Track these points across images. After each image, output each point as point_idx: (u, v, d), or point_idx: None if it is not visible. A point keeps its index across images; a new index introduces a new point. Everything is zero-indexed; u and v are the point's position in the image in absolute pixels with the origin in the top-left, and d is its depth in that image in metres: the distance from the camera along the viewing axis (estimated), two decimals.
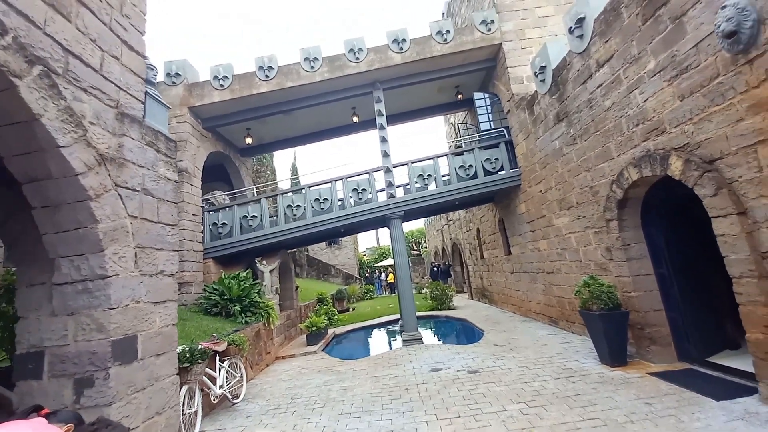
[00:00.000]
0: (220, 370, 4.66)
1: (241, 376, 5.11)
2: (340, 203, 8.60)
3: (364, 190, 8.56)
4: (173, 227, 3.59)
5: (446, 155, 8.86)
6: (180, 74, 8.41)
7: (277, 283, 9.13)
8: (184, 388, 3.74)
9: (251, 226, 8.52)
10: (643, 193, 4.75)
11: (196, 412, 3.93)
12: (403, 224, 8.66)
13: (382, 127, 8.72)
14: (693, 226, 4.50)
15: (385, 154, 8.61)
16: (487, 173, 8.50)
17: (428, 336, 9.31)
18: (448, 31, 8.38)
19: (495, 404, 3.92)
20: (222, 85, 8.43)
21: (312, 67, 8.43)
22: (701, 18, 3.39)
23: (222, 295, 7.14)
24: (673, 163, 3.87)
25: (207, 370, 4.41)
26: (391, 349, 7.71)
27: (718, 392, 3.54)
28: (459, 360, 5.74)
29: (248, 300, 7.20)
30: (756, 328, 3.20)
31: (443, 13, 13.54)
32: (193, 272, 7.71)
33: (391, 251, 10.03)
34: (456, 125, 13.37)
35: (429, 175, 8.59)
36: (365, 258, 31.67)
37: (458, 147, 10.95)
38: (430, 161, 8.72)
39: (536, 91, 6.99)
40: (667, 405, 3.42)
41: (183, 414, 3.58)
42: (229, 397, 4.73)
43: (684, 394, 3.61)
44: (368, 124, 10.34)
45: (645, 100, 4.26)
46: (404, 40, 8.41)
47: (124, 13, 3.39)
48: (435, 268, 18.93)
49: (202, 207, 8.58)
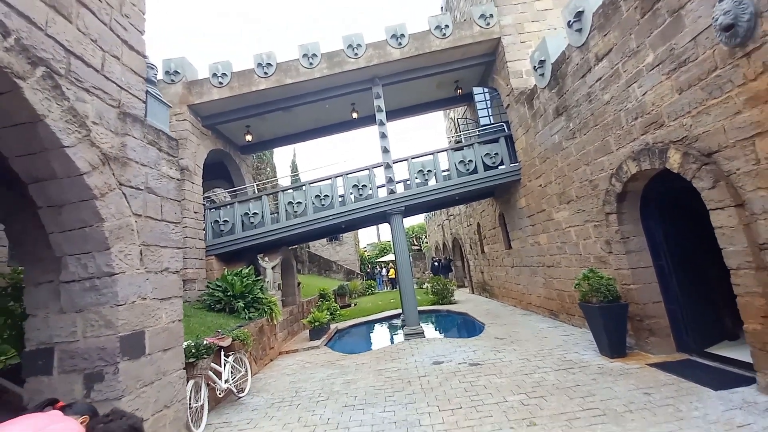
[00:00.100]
0: (225, 365, 4.72)
1: (246, 371, 5.18)
2: (340, 199, 8.62)
3: (364, 186, 8.58)
4: (177, 225, 3.64)
5: (446, 150, 8.87)
6: (179, 72, 8.40)
7: (279, 279, 9.20)
8: (191, 382, 3.81)
9: (252, 223, 8.57)
10: (642, 186, 4.77)
11: (202, 406, 4.00)
12: (404, 220, 8.69)
13: (381, 123, 8.72)
14: (691, 219, 4.54)
15: (385, 150, 8.62)
16: (487, 168, 8.51)
17: (430, 330, 9.39)
18: (447, 26, 8.34)
19: (496, 395, 3.98)
20: (221, 83, 8.42)
21: (311, 64, 8.41)
22: (699, 11, 3.40)
23: (225, 292, 7.21)
24: (671, 156, 3.89)
25: (212, 365, 4.48)
26: (393, 343, 7.79)
27: (716, 382, 3.59)
28: (460, 353, 5.81)
29: (251, 296, 7.27)
30: (753, 318, 3.25)
31: (442, 8, 13.47)
32: (196, 269, 7.77)
33: (392, 247, 10.08)
34: (456, 120, 13.35)
35: (429, 171, 8.60)
36: (366, 254, 31.76)
37: (458, 142, 10.95)
38: (430, 156, 8.72)
39: (535, 85, 6.99)
40: (666, 395, 3.47)
41: (190, 408, 3.65)
42: (235, 391, 4.80)
43: (682, 384, 3.66)
44: (368, 120, 10.34)
45: (644, 94, 4.27)
46: (403, 36, 8.37)
47: (124, 12, 3.41)
48: (436, 263, 19.01)
49: (204, 205, 8.62)
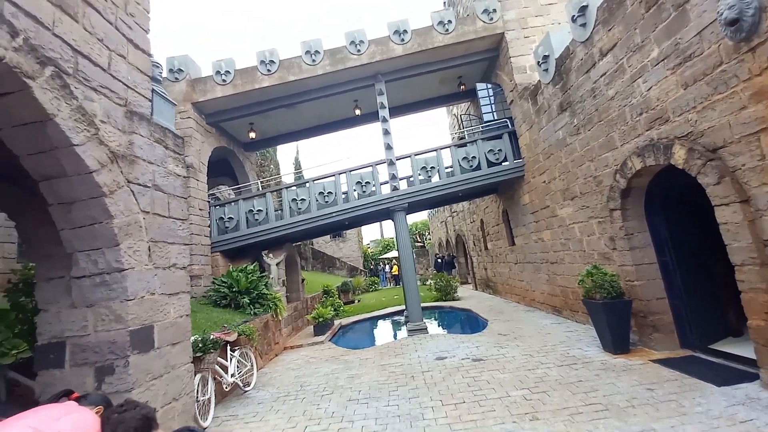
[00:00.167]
0: (231, 360, 4.80)
1: (252, 365, 5.25)
2: (344, 196, 8.66)
3: (367, 182, 8.60)
4: (183, 222, 3.69)
5: (449, 147, 8.85)
6: (182, 70, 8.44)
7: (283, 275, 9.28)
8: (198, 376, 3.88)
9: (257, 220, 8.63)
10: (646, 182, 4.75)
11: (209, 399, 4.07)
12: (407, 216, 8.72)
13: (384, 120, 8.72)
14: (696, 215, 4.52)
15: (388, 147, 8.62)
16: (490, 164, 8.49)
17: (433, 326, 9.43)
18: (450, 21, 8.30)
19: (499, 390, 4.02)
20: (224, 80, 8.45)
21: (313, 61, 8.41)
22: (704, 5, 3.37)
23: (231, 288, 7.29)
24: (676, 152, 3.87)
25: (219, 359, 4.56)
26: (396, 339, 7.85)
27: (719, 378, 3.59)
28: (463, 349, 5.84)
29: (256, 292, 7.34)
30: (757, 315, 3.24)
31: (444, 3, 13.37)
32: (202, 265, 7.86)
33: (396, 243, 10.12)
34: (459, 116, 13.30)
35: (432, 167, 8.60)
36: (369, 250, 31.83)
37: (461, 138, 10.93)
38: (433, 153, 8.71)
39: (539, 80, 6.95)
40: (669, 390, 3.48)
41: (197, 401, 3.72)
42: (241, 385, 4.87)
43: (685, 380, 3.67)
44: (371, 116, 10.33)
45: (648, 89, 4.24)
46: (405, 31, 8.35)
47: (129, 11, 3.44)
48: (439, 260, 19.02)
49: (209, 202, 8.69)
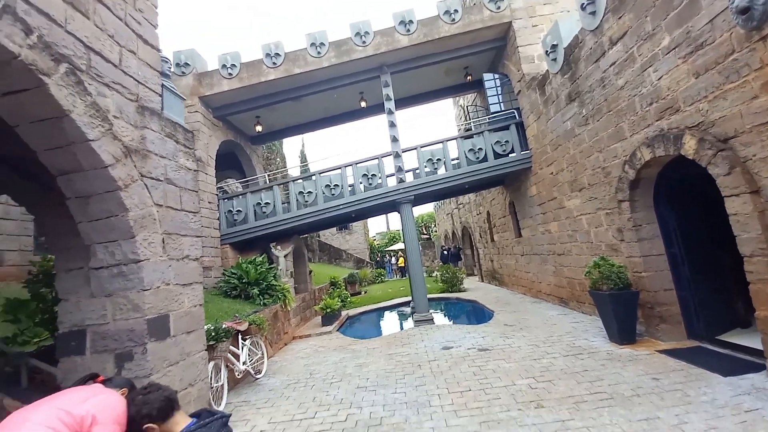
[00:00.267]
0: (242, 348, 4.94)
1: (262, 354, 5.40)
2: (350, 189, 8.70)
3: (374, 175, 8.63)
4: (195, 214, 3.78)
5: (456, 139, 8.81)
6: (189, 64, 8.48)
7: (291, 267, 9.42)
8: (211, 363, 4.01)
9: (265, 212, 8.74)
10: (655, 173, 4.71)
11: (222, 386, 4.22)
12: (413, 208, 8.74)
13: (390, 112, 8.69)
14: (704, 206, 4.47)
15: (394, 139, 8.61)
16: (497, 156, 8.44)
17: (439, 317, 9.53)
18: (456, 11, 8.18)
19: (504, 379, 4.08)
20: (230, 74, 8.48)
21: (319, 53, 8.38)
22: None
23: (240, 279, 7.43)
24: (687, 142, 3.83)
25: (231, 347, 4.70)
26: (403, 329, 7.95)
27: (725, 368, 3.61)
28: (469, 339, 5.91)
29: (265, 283, 7.48)
30: (765, 305, 3.24)
31: None
32: (212, 257, 8.01)
33: (402, 235, 10.17)
34: (465, 107, 13.18)
35: (438, 159, 8.58)
36: (376, 242, 31.99)
37: (468, 130, 10.84)
38: (440, 145, 8.69)
39: (547, 70, 6.85)
40: (674, 380, 3.51)
41: (211, 387, 3.85)
42: (252, 372, 5.02)
43: (691, 370, 3.69)
44: (376, 108, 10.30)
45: (659, 78, 4.18)
46: (411, 22, 8.26)
47: (138, 7, 3.47)
48: (445, 252, 19.06)
49: (217, 195, 8.81)
